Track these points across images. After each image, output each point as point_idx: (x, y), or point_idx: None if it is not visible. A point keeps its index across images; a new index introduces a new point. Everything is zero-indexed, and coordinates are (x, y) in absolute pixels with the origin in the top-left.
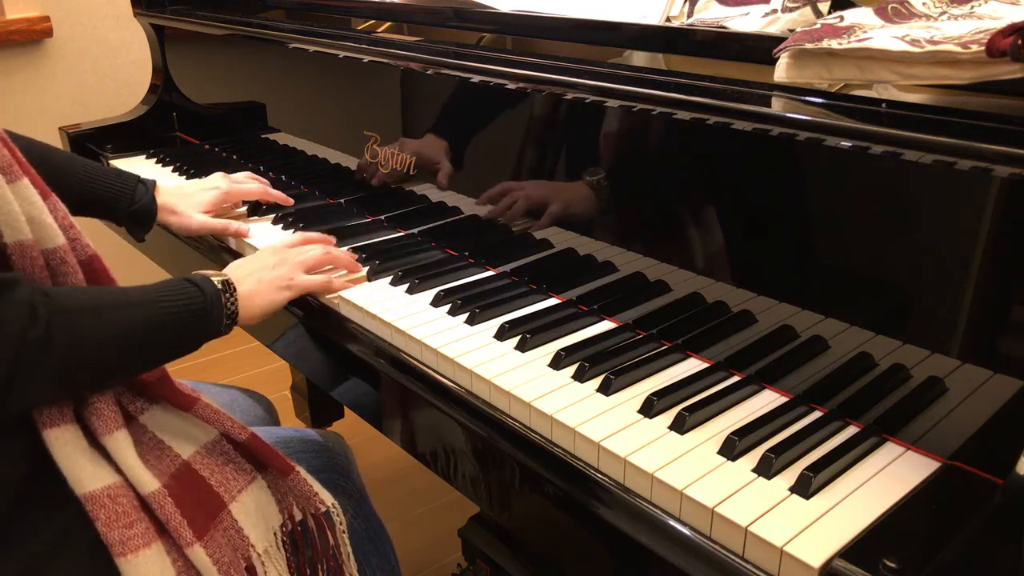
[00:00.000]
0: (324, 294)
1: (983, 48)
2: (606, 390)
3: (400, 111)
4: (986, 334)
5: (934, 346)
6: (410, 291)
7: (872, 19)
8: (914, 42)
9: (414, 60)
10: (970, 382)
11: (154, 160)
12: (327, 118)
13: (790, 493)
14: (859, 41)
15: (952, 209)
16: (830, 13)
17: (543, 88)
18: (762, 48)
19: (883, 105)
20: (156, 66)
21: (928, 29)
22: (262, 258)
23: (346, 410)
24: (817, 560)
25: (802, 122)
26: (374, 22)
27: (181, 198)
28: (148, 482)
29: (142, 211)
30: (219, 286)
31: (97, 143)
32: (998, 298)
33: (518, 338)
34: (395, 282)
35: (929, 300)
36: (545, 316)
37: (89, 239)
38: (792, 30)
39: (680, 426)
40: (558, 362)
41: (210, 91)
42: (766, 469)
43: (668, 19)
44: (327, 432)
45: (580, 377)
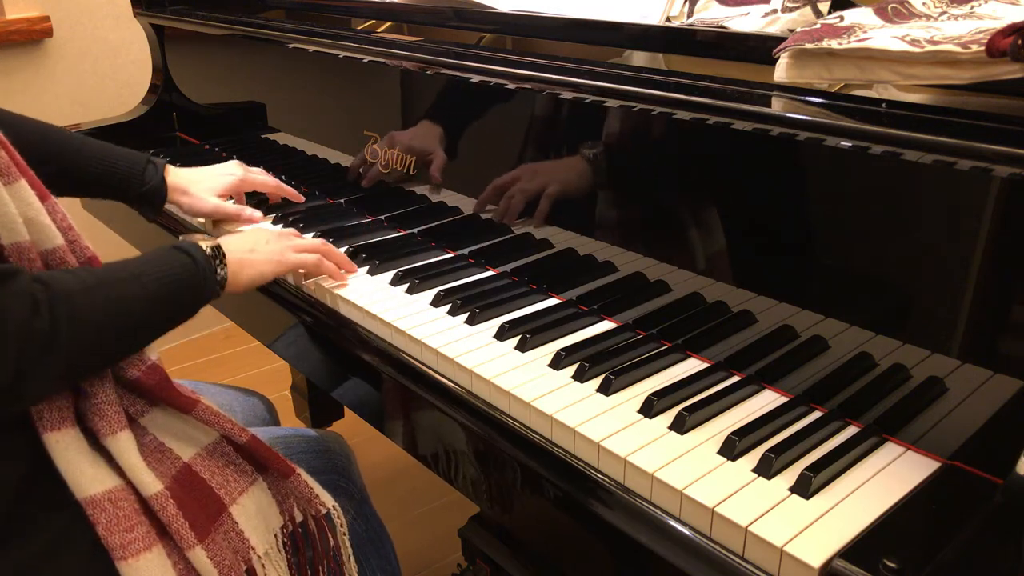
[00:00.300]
0: (314, 274)
1: (983, 48)
2: (606, 390)
3: (400, 111)
4: (986, 334)
5: (934, 346)
6: (410, 291)
7: (872, 19)
8: (914, 42)
9: (414, 60)
10: (970, 382)
11: None
12: (327, 118)
13: (790, 493)
14: (859, 41)
15: (952, 209)
16: (830, 13)
17: (543, 88)
18: (762, 48)
19: (883, 105)
20: (156, 66)
21: (928, 29)
22: (258, 234)
23: (346, 410)
24: (817, 560)
25: (802, 122)
26: (374, 22)
27: (193, 181)
28: (150, 484)
29: (152, 192)
30: (209, 252)
31: None
32: (998, 298)
33: (518, 338)
34: (395, 282)
35: (929, 300)
36: (545, 316)
37: (88, 241)
38: (792, 30)
39: (680, 426)
40: (558, 362)
41: (210, 91)
42: (766, 469)
43: (668, 19)
44: (327, 432)
45: (580, 377)
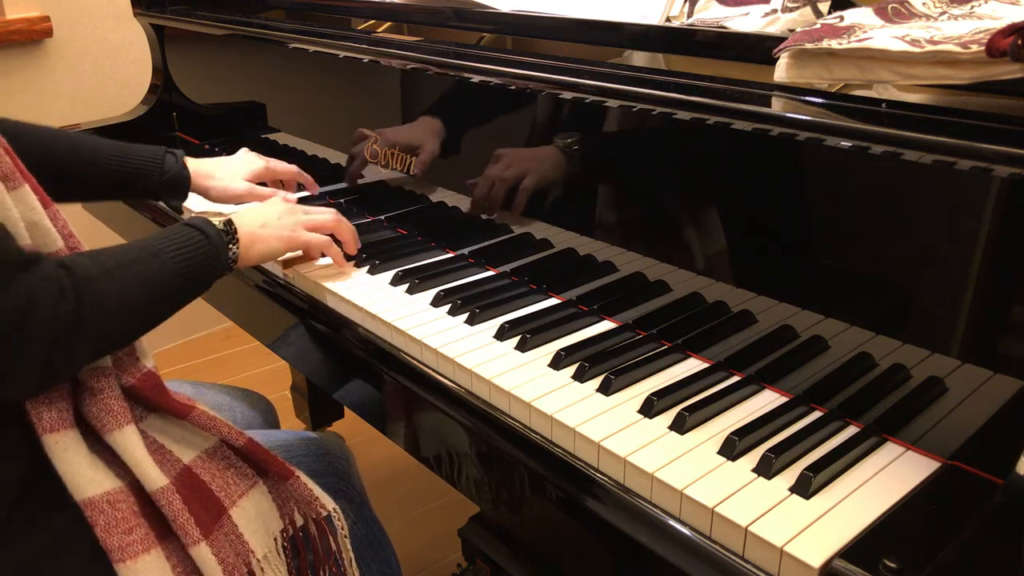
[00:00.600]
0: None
1: (983, 48)
2: (606, 390)
3: (400, 111)
4: (986, 334)
5: (934, 346)
6: (410, 291)
7: (872, 19)
8: (914, 42)
9: (414, 60)
10: (970, 382)
11: None
12: (327, 118)
13: (790, 493)
14: (859, 41)
15: (952, 209)
16: (830, 13)
17: (543, 88)
18: (762, 48)
19: (883, 105)
20: (156, 66)
21: (928, 29)
22: (269, 206)
23: (346, 410)
24: (817, 560)
25: (802, 122)
26: (374, 22)
27: (218, 166)
28: (156, 478)
29: (175, 178)
30: (222, 227)
31: None
32: (998, 298)
33: (518, 338)
34: (395, 282)
35: (929, 300)
36: (545, 316)
37: (89, 241)
38: (792, 30)
39: (680, 426)
40: (558, 362)
41: (210, 91)
42: (766, 469)
43: (668, 19)
44: (327, 434)
45: (580, 377)
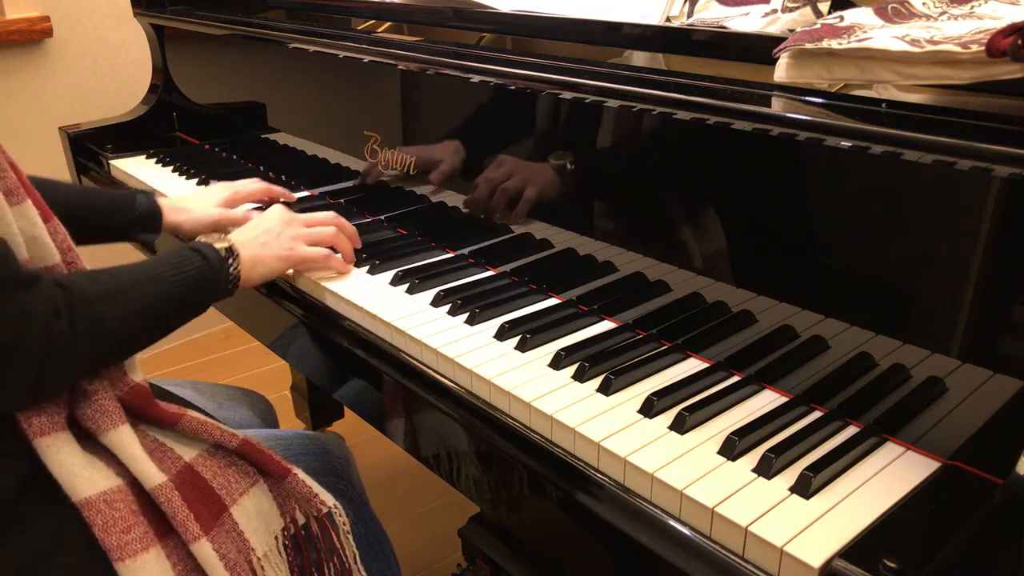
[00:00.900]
0: (320, 268)
1: (983, 48)
2: (606, 390)
3: (400, 111)
4: (986, 334)
5: (934, 346)
6: (410, 291)
7: (872, 19)
8: (914, 42)
9: (414, 60)
10: (970, 382)
11: (154, 160)
12: (327, 118)
13: (790, 493)
14: (859, 41)
15: (952, 209)
16: (830, 13)
17: (543, 88)
18: (762, 48)
19: (883, 105)
20: (156, 66)
21: (928, 29)
22: (269, 221)
23: (346, 410)
24: (817, 560)
25: (802, 122)
26: (374, 22)
27: (188, 198)
28: (154, 475)
29: (147, 215)
30: (223, 253)
31: (97, 143)
32: (998, 298)
33: (518, 338)
34: (395, 282)
35: (929, 300)
36: (545, 316)
37: (88, 262)
38: (792, 30)
39: (680, 426)
40: (558, 362)
41: (210, 91)
42: (766, 469)
43: (668, 19)
44: (327, 433)
45: (580, 377)
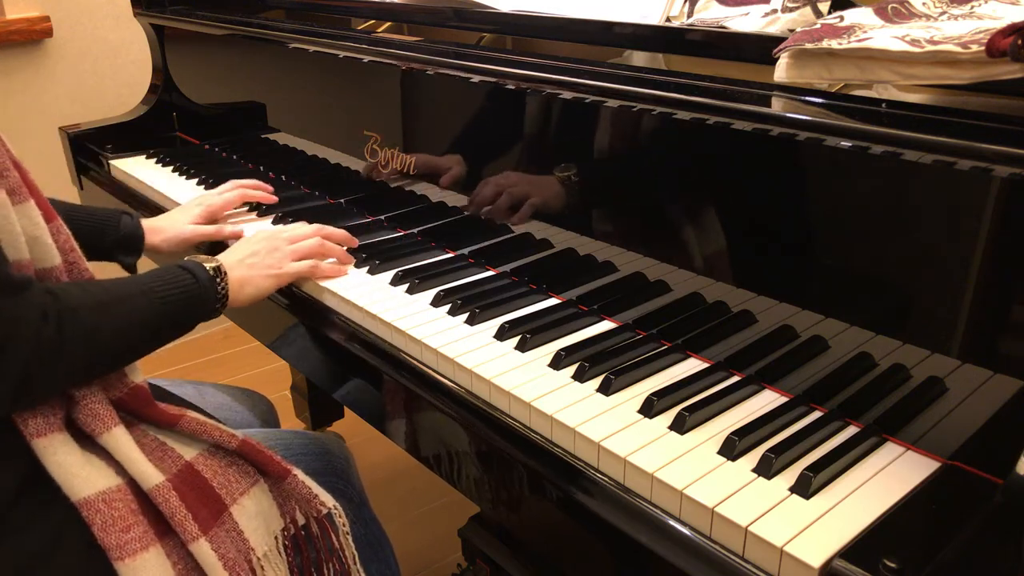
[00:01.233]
0: (311, 279)
1: (983, 48)
2: (606, 390)
3: (400, 111)
4: (986, 334)
5: (934, 346)
6: (410, 291)
7: (872, 19)
8: (914, 42)
9: (414, 60)
10: (970, 382)
11: (154, 160)
12: (327, 118)
13: (790, 493)
14: (859, 41)
15: (952, 209)
16: (830, 13)
17: (543, 88)
18: (762, 48)
19: (883, 105)
20: (156, 66)
21: (928, 29)
22: (255, 243)
23: (346, 410)
24: (817, 560)
25: (802, 122)
26: (374, 22)
27: (163, 218)
28: (152, 475)
29: (129, 236)
30: (211, 272)
31: (97, 143)
32: (998, 298)
33: (518, 338)
34: (395, 282)
35: (929, 300)
36: (545, 316)
37: (89, 264)
38: (792, 30)
39: (680, 426)
40: (558, 362)
41: (210, 91)
42: (766, 469)
43: (668, 19)
44: (327, 433)
45: (580, 377)
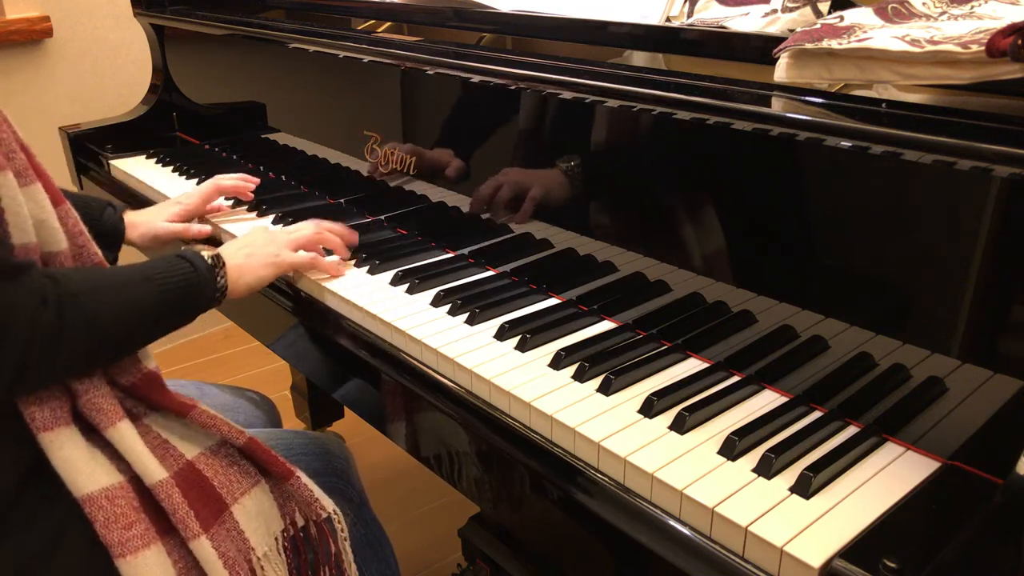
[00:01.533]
0: (310, 271)
1: (983, 48)
2: (606, 390)
3: (400, 111)
4: (986, 334)
5: (934, 346)
6: (410, 291)
7: (872, 19)
8: (914, 42)
9: (414, 60)
10: (970, 382)
11: (154, 160)
12: (327, 118)
13: (790, 493)
14: (859, 41)
15: (952, 209)
16: (830, 13)
17: (543, 88)
18: (762, 48)
19: (883, 105)
20: (156, 66)
21: (928, 29)
22: (253, 235)
23: (346, 410)
24: (817, 560)
25: (802, 122)
26: (374, 22)
27: (144, 213)
28: (155, 471)
29: (110, 230)
30: (210, 261)
31: (97, 143)
32: (998, 298)
33: (518, 338)
34: (395, 282)
35: (929, 300)
36: (545, 316)
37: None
38: (792, 30)
39: (680, 426)
40: (558, 362)
41: (210, 91)
42: (766, 469)
43: (668, 19)
44: (327, 433)
45: (580, 377)
